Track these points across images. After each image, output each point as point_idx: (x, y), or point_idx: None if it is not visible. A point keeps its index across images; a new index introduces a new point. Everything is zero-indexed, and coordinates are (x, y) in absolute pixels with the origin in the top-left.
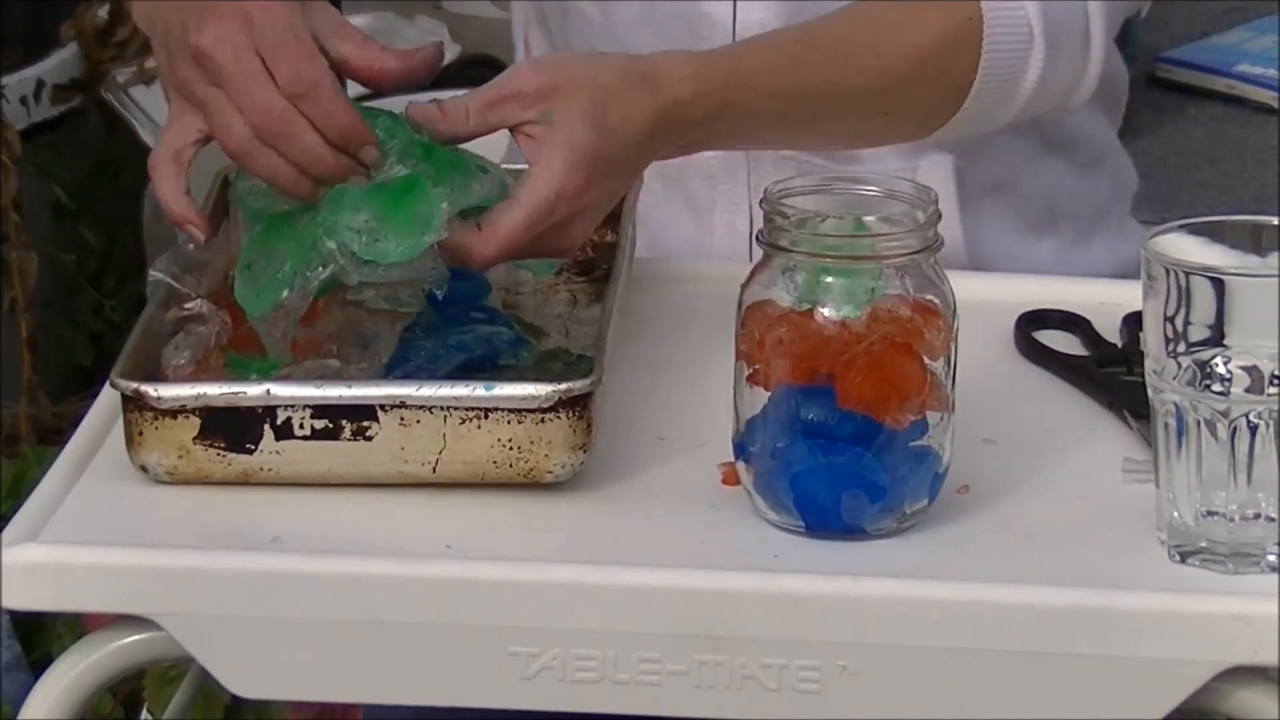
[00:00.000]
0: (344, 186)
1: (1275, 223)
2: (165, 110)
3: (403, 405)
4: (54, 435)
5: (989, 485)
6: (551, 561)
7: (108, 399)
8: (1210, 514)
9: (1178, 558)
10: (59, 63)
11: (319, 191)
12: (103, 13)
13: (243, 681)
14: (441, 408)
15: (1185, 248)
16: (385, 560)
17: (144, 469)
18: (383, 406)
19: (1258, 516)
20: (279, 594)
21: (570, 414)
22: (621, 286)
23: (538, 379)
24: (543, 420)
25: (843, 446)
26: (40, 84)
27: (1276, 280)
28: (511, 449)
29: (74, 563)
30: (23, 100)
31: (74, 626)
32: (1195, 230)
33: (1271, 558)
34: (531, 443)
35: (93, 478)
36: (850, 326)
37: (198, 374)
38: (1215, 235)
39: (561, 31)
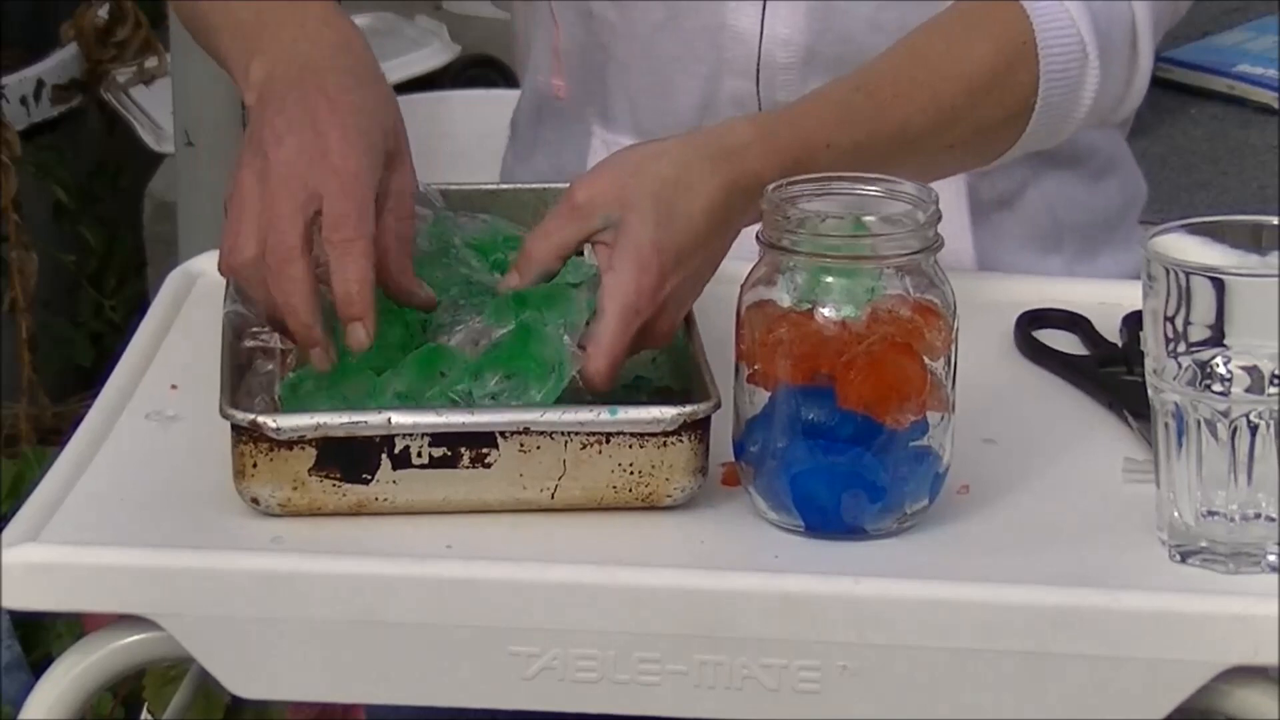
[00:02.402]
0: (443, 352)
1: (1275, 223)
2: (165, 110)
3: (525, 431)
4: (54, 435)
5: (989, 485)
6: (551, 561)
7: (108, 399)
8: (1210, 514)
9: (1178, 558)
10: (59, 63)
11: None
12: (103, 13)
13: (243, 681)
14: (563, 433)
15: (1185, 248)
16: (385, 560)
17: (255, 501)
18: (503, 433)
19: (1258, 516)
20: (279, 594)
21: (692, 437)
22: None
23: (651, 402)
24: (664, 444)
25: (843, 447)
26: (40, 84)
27: (1276, 280)
28: (632, 473)
29: (74, 563)
30: (23, 100)
31: (74, 626)
32: (1195, 230)
33: (1272, 558)
34: (653, 467)
35: (93, 478)
36: (850, 326)
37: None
38: (1215, 235)
39: (587, 33)
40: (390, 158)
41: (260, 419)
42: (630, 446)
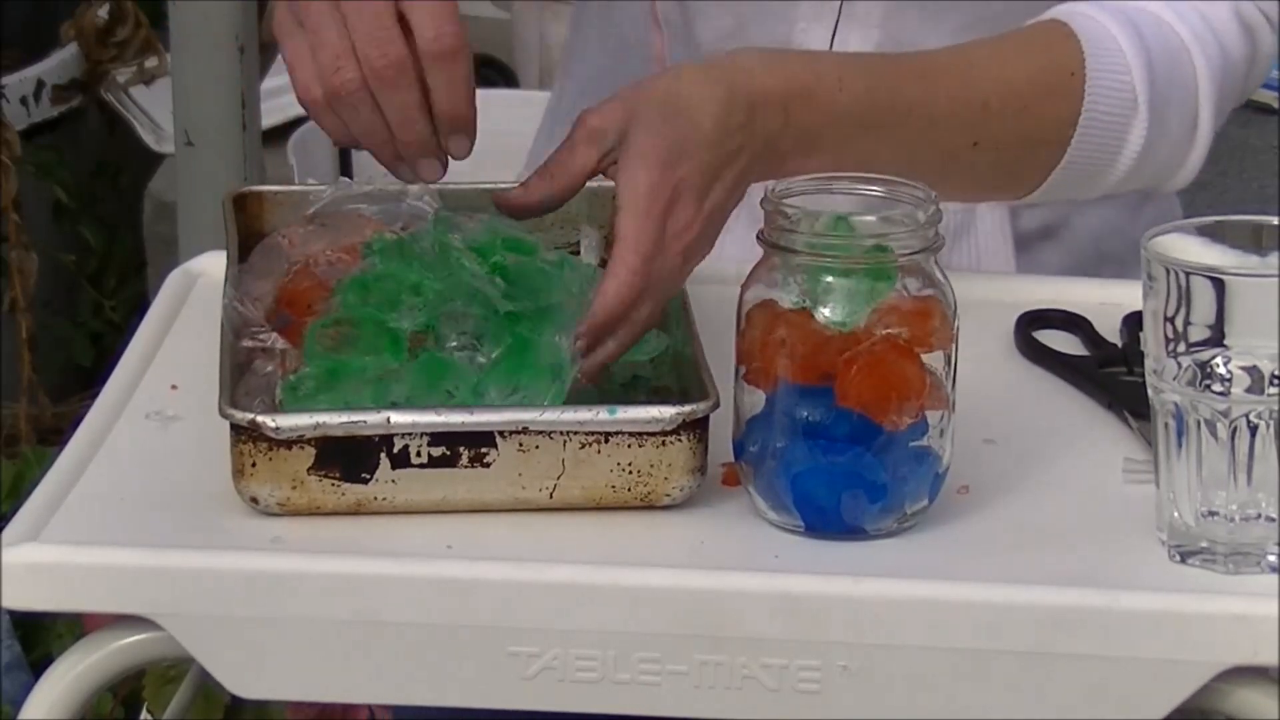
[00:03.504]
0: (448, 365)
1: (1275, 223)
2: (165, 110)
3: (524, 431)
4: (54, 435)
5: (989, 485)
6: (551, 561)
7: (108, 399)
8: (1210, 514)
9: (1178, 558)
10: (59, 63)
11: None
12: (103, 13)
13: (243, 681)
14: (562, 433)
15: (1185, 248)
16: (385, 560)
17: (254, 500)
18: (502, 433)
19: (1258, 517)
20: (279, 594)
21: (691, 436)
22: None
23: (650, 402)
24: (663, 443)
25: (843, 446)
26: (40, 84)
27: (1276, 280)
28: (631, 473)
29: (74, 563)
30: (23, 100)
31: (74, 626)
32: (1195, 230)
33: (1271, 558)
34: (651, 466)
35: (93, 478)
36: (850, 326)
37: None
38: (1215, 235)
39: (639, 44)
40: None
41: (259, 418)
42: (629, 446)
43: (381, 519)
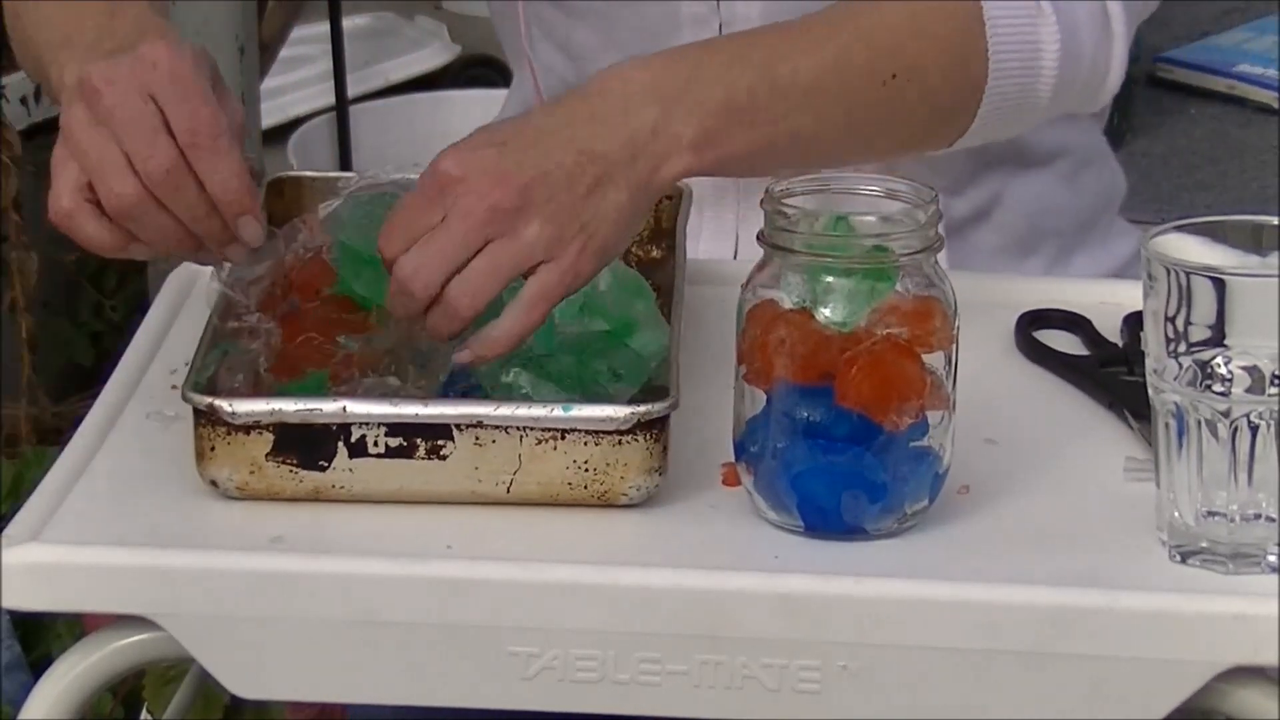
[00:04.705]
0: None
1: (1275, 223)
2: None
3: (479, 425)
4: (54, 435)
5: (989, 485)
6: (551, 561)
7: (108, 399)
8: (1211, 514)
9: (1178, 558)
10: None
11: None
12: None
13: (243, 681)
14: (518, 428)
15: (1185, 248)
16: (385, 560)
17: (214, 484)
18: (458, 425)
19: (1258, 517)
20: (279, 594)
21: (647, 436)
22: (684, 306)
23: (603, 400)
24: (619, 442)
25: (843, 446)
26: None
27: (1276, 280)
28: (587, 470)
29: (74, 563)
30: (23, 100)
31: (74, 626)
32: (1195, 230)
33: (1272, 558)
34: (608, 464)
35: (93, 478)
36: (850, 326)
37: (254, 394)
38: (1215, 235)
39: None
40: (215, 85)
41: (217, 402)
42: (585, 444)
43: (382, 518)
